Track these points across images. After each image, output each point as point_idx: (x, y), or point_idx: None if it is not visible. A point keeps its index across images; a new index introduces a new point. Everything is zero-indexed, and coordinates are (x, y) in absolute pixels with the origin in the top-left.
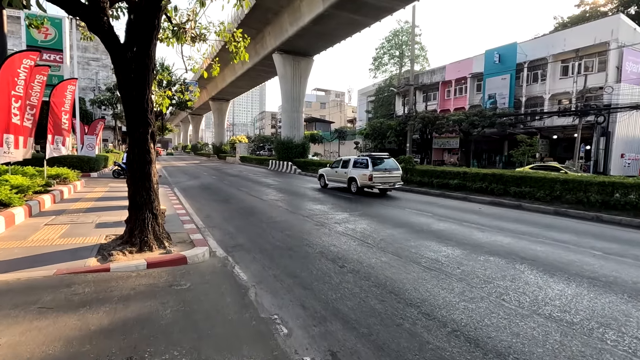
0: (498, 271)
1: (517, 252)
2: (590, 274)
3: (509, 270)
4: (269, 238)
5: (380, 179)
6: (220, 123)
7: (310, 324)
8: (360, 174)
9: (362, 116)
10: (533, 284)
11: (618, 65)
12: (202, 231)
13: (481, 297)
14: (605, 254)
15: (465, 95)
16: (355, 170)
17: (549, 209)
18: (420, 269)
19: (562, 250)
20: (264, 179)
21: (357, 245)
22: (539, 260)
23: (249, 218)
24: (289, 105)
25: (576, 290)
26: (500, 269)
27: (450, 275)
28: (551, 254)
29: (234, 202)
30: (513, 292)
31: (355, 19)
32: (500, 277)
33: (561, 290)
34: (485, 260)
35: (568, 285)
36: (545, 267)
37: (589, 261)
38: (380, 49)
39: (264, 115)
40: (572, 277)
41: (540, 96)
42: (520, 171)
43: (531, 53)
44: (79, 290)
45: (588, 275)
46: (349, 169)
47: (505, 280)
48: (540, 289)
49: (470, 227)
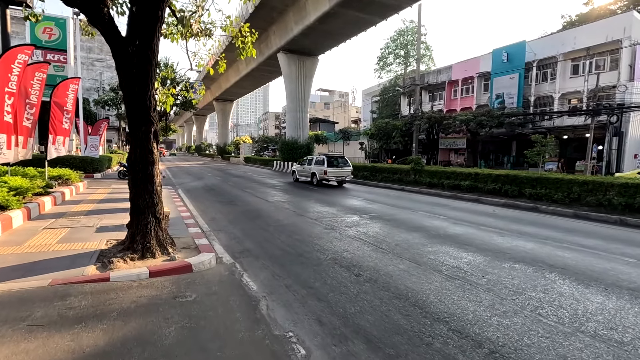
0: (527, 280)
1: (544, 259)
2: (629, 284)
3: (538, 279)
4: (278, 242)
5: (333, 173)
6: (224, 124)
7: (329, 343)
8: (319, 169)
9: (366, 116)
10: (568, 296)
11: (631, 63)
12: (208, 235)
13: (514, 311)
14: (632, 259)
15: (472, 95)
16: (316, 166)
17: (568, 211)
18: (443, 277)
19: (592, 257)
20: (269, 179)
21: (371, 250)
22: (569, 268)
23: (255, 221)
24: (294, 105)
25: (618, 303)
26: (529, 278)
27: (476, 285)
28: (581, 262)
29: (239, 204)
30: (548, 305)
31: (362, 17)
32: (530, 287)
33: (601, 303)
34: (511, 268)
35: (608, 297)
36: (577, 276)
37: (624, 269)
38: (385, 48)
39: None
40: (610, 287)
41: (550, 95)
42: (620, 177)
43: (540, 52)
44: (74, 304)
45: (627, 285)
46: (312, 166)
47: (537, 291)
48: (578, 301)
49: (488, 230)
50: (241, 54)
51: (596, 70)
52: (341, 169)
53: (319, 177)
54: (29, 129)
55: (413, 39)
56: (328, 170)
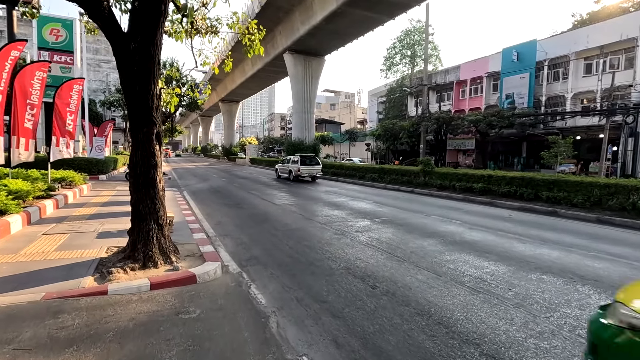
0: (559, 295)
1: (572, 269)
2: None
3: (571, 293)
4: (286, 249)
5: (306, 171)
6: (230, 125)
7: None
8: (294, 167)
9: (372, 117)
10: None
11: None
12: (213, 241)
13: (551, 332)
14: None
15: (480, 95)
16: (292, 165)
17: (590, 216)
18: (466, 290)
19: (625, 268)
20: (275, 181)
21: (385, 259)
22: (603, 280)
23: (262, 225)
24: (300, 106)
25: None
26: (560, 292)
27: (504, 300)
28: (614, 273)
29: (245, 207)
30: None
31: (369, 17)
32: (564, 302)
33: None
34: (539, 280)
35: None
36: (612, 289)
37: None
38: (392, 48)
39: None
40: None
41: (562, 95)
42: None
43: (551, 51)
44: (67, 322)
45: None
46: (290, 165)
47: (571, 308)
48: None
49: (507, 237)
50: (248, 51)
51: (610, 69)
52: (312, 167)
53: (294, 173)
54: (30, 131)
55: (420, 38)
56: (301, 168)
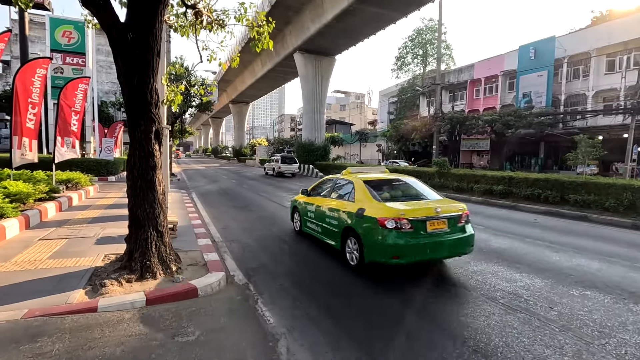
0: (610, 316)
1: (620, 284)
2: None
3: (624, 313)
4: (296, 257)
5: (286, 168)
6: (240, 126)
7: None
8: (276, 165)
9: (383, 118)
10: None
11: None
12: (219, 247)
13: None
14: None
15: (496, 95)
16: (274, 163)
17: (625, 221)
18: (500, 308)
19: None
20: (285, 183)
21: (404, 269)
22: None
23: (271, 229)
24: (310, 107)
25: None
26: (611, 312)
27: (547, 322)
28: None
29: (254, 209)
30: None
31: (381, 14)
32: (619, 326)
33: None
34: (583, 297)
35: None
36: None
37: None
38: (404, 48)
39: (283, 118)
40: None
41: (583, 94)
42: None
43: (571, 48)
44: (46, 348)
45: None
46: (273, 163)
47: (629, 332)
48: None
49: (536, 244)
50: (257, 45)
51: (635, 66)
52: (291, 165)
53: (276, 171)
54: (33, 131)
55: (432, 37)
56: (281, 166)
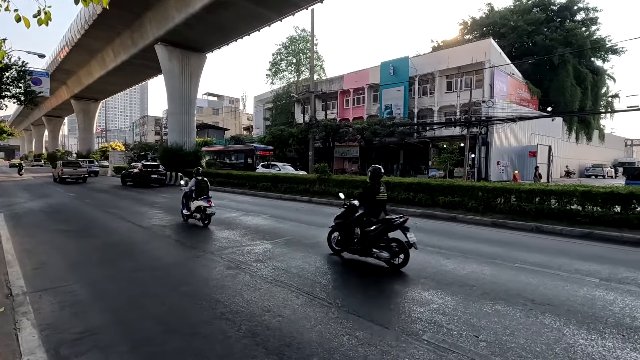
0: (532, 336)
1: (519, 292)
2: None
3: (541, 330)
4: (153, 307)
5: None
6: (87, 127)
7: None
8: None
9: (259, 123)
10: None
11: (491, 83)
12: (17, 305)
13: None
14: (604, 281)
15: (363, 105)
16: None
17: (485, 220)
18: (429, 351)
19: (560, 282)
20: (146, 195)
21: (304, 305)
22: (556, 304)
23: (118, 263)
24: (177, 107)
25: None
26: (530, 331)
27: (480, 357)
28: (554, 289)
29: (97, 234)
30: None
31: (257, 12)
32: (546, 349)
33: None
34: (496, 314)
35: None
36: (576, 316)
37: (627, 301)
38: (278, 54)
39: (145, 120)
40: (632, 331)
41: (430, 108)
42: None
43: (421, 68)
44: None
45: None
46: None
47: (558, 356)
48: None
49: (429, 251)
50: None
51: (466, 87)
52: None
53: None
54: None
55: (305, 47)
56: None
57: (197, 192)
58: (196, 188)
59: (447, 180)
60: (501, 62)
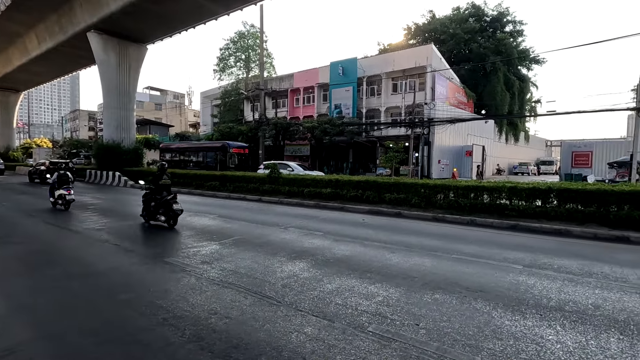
0: (467, 321)
1: (456, 281)
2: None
3: (472, 314)
4: (86, 318)
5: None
6: (6, 121)
7: None
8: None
9: (206, 120)
10: (536, 338)
11: (432, 86)
12: None
13: None
14: (527, 267)
15: (313, 104)
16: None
17: (427, 215)
18: (374, 342)
19: (491, 270)
20: (79, 196)
21: (253, 305)
22: (487, 290)
23: (44, 271)
24: (114, 101)
25: (597, 335)
26: (465, 317)
27: (420, 345)
28: (484, 276)
29: (18, 241)
30: None
31: (202, 4)
32: (477, 333)
33: (580, 343)
34: (435, 302)
35: (584, 331)
36: (503, 300)
37: (545, 284)
38: (226, 49)
39: (77, 114)
40: (569, 315)
41: (377, 108)
42: None
43: (368, 69)
44: None
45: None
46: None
47: (493, 340)
48: (555, 343)
49: (375, 247)
50: None
51: (410, 90)
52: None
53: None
54: None
55: (254, 43)
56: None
57: (59, 183)
58: (58, 180)
59: (393, 178)
60: (441, 66)
